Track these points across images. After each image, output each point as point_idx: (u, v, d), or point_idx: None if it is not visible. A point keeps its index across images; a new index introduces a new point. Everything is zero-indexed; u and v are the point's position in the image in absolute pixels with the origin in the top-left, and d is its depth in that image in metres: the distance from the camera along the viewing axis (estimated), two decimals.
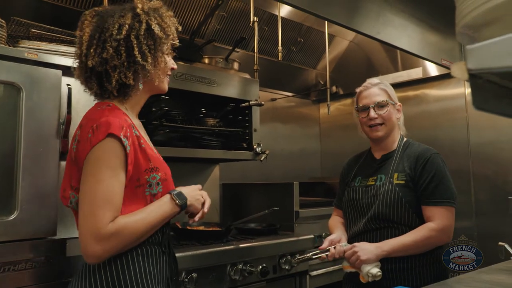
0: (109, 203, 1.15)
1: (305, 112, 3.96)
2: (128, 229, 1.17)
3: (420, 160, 1.73)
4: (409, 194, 1.69)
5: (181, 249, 1.97)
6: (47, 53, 1.73)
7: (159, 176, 1.28)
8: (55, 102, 1.67)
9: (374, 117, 1.80)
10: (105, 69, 1.25)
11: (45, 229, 1.62)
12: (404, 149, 1.81)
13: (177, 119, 2.38)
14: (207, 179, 2.96)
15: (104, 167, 1.16)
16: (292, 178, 3.44)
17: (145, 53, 1.27)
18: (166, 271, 1.32)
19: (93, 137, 1.17)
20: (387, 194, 1.71)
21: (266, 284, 2.22)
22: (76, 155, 1.23)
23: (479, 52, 0.69)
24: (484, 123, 2.99)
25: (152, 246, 1.27)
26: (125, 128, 1.20)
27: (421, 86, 3.33)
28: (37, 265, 1.59)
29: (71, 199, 1.26)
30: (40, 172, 1.62)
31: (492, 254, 2.82)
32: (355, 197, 1.83)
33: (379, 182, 1.77)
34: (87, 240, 1.13)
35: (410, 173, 1.72)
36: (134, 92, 1.32)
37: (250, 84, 2.64)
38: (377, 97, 1.82)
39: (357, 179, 1.88)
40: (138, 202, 1.24)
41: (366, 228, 1.74)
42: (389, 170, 1.77)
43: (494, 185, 2.92)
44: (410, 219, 1.69)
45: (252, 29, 2.91)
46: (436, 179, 1.68)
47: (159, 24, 1.31)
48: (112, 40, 1.24)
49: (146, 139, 1.35)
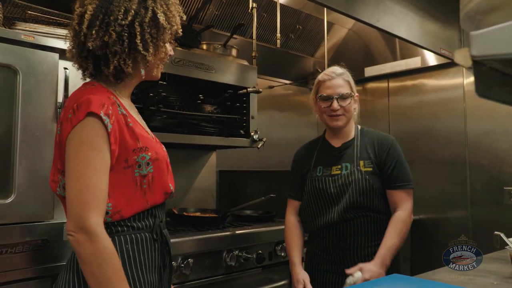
0: (94, 187, 1.11)
1: (302, 100, 3.95)
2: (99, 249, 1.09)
3: (384, 146, 1.80)
4: (377, 180, 1.76)
5: (177, 234, 1.98)
6: (44, 35, 1.71)
7: (148, 155, 1.23)
8: (52, 85, 1.66)
9: (336, 108, 1.79)
10: (105, 53, 1.21)
11: (42, 213, 1.62)
12: (362, 136, 1.86)
13: (174, 105, 2.36)
14: (204, 166, 2.96)
15: (86, 149, 1.13)
16: (288, 166, 3.41)
17: (147, 42, 1.23)
18: (158, 259, 1.28)
19: (74, 117, 1.14)
20: (358, 182, 1.74)
21: (262, 270, 2.24)
22: (59, 137, 1.20)
23: (484, 38, 0.68)
24: (481, 114, 3.00)
25: (142, 233, 1.23)
26: (106, 105, 1.16)
27: (419, 75, 3.32)
28: (34, 248, 1.59)
29: (59, 182, 1.23)
30: (37, 156, 1.61)
31: (487, 243, 2.86)
32: (321, 187, 1.81)
33: (345, 171, 1.79)
34: (70, 224, 1.11)
35: (375, 160, 1.78)
36: (129, 78, 1.29)
37: (248, 71, 2.62)
38: (340, 88, 1.81)
39: (318, 168, 1.87)
40: (127, 184, 1.20)
41: (341, 219, 1.74)
42: (353, 158, 1.80)
43: (489, 175, 2.94)
44: (380, 205, 1.76)
45: (250, 15, 2.88)
46: (399, 165, 1.77)
47: (165, 12, 1.26)
48: (116, 24, 1.19)
49: (137, 119, 1.31)
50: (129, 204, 1.21)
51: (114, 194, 1.18)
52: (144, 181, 1.23)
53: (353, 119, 1.90)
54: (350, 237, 1.75)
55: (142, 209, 1.24)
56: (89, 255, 1.09)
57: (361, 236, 1.75)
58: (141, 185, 1.23)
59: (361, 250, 1.75)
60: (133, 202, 1.22)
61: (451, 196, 3.09)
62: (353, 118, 1.90)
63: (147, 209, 1.25)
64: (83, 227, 1.09)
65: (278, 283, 2.30)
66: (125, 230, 1.21)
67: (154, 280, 1.25)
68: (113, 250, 1.13)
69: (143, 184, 1.23)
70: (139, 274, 1.20)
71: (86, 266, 1.10)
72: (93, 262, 1.09)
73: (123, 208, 1.20)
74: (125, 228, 1.21)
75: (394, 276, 1.32)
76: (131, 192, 1.21)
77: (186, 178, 2.85)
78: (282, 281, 2.32)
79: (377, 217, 1.76)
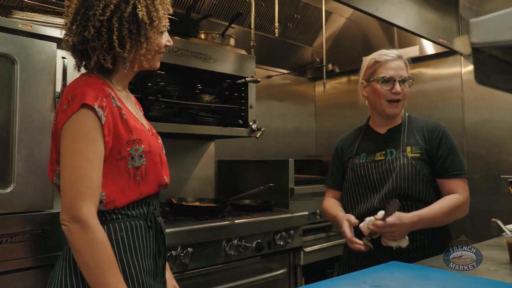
0: (87, 177, 1.13)
1: (300, 89, 3.95)
2: (92, 239, 1.11)
3: (435, 133, 1.70)
4: (425, 167, 1.66)
5: (176, 224, 1.98)
6: (42, 24, 1.70)
7: (142, 148, 1.24)
8: (50, 74, 1.65)
9: (399, 91, 1.70)
10: (85, 48, 1.21)
11: (41, 202, 1.62)
12: (410, 123, 1.77)
13: (173, 94, 2.36)
14: (203, 156, 2.96)
15: (80, 140, 1.14)
16: (286, 156, 3.45)
17: (124, 38, 1.20)
18: (153, 246, 1.29)
19: (68, 108, 1.15)
20: (404, 167, 1.65)
21: (261, 259, 2.25)
22: (54, 127, 1.22)
23: (484, 25, 0.68)
24: (479, 103, 3.00)
25: (136, 220, 1.25)
26: (100, 98, 1.17)
27: (417, 64, 3.31)
28: (34, 237, 1.59)
29: (55, 171, 1.26)
30: (36, 145, 1.61)
31: (484, 231, 2.87)
32: (363, 174, 1.73)
33: (390, 156, 1.70)
34: (63, 214, 1.13)
35: (425, 146, 1.69)
36: (117, 72, 1.29)
37: (247, 60, 2.61)
38: (402, 71, 1.73)
39: (362, 155, 1.79)
40: (120, 175, 1.21)
41: (383, 206, 1.61)
42: (400, 144, 1.71)
43: (487, 164, 2.96)
44: (427, 193, 1.65)
45: (248, 4, 2.87)
46: (454, 152, 1.69)
47: (147, 6, 1.23)
48: (95, 19, 1.18)
49: (132, 110, 1.31)
50: (123, 194, 1.23)
51: (107, 184, 1.19)
52: (137, 173, 1.24)
53: None
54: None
55: (136, 199, 1.26)
56: (82, 244, 1.11)
57: None
58: (135, 176, 1.24)
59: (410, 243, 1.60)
60: (127, 192, 1.23)
61: None
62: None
63: (141, 199, 1.27)
64: (76, 216, 1.11)
65: (277, 272, 2.31)
66: (119, 218, 1.22)
67: (149, 266, 1.27)
68: (105, 239, 1.14)
69: (136, 176, 1.24)
70: (134, 261, 1.22)
71: (79, 255, 1.12)
72: (86, 251, 1.11)
73: (117, 198, 1.21)
74: (119, 216, 1.22)
75: (393, 264, 1.33)
76: (124, 183, 1.23)
77: (184, 168, 2.86)
78: (281, 270, 2.34)
79: (421, 207, 1.62)
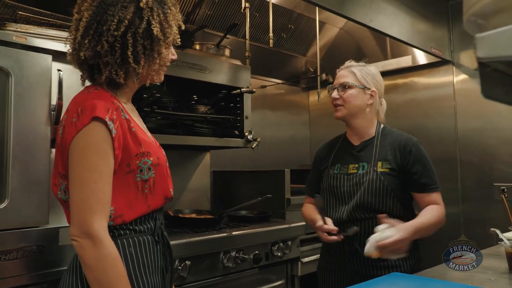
0: (99, 191, 1.11)
1: (294, 99, 3.96)
2: (104, 255, 1.08)
3: (408, 148, 1.72)
4: (394, 182, 1.70)
5: (174, 236, 1.96)
6: (36, 37, 1.68)
7: (150, 161, 1.23)
8: (46, 87, 1.63)
9: (334, 97, 1.81)
10: (97, 63, 1.20)
11: (36, 218, 1.59)
12: (383, 136, 1.80)
13: (168, 106, 2.35)
14: (198, 167, 2.95)
15: (91, 154, 1.12)
16: (281, 165, 3.44)
17: (138, 54, 1.20)
18: (160, 261, 1.28)
19: (78, 121, 1.13)
20: (372, 182, 1.70)
21: (259, 271, 2.23)
22: (61, 140, 1.19)
23: (489, 41, 0.68)
24: (471, 111, 3.03)
25: (144, 236, 1.24)
26: (111, 110, 1.15)
27: (410, 74, 3.35)
28: (28, 254, 1.56)
29: (60, 186, 1.23)
30: (30, 160, 1.58)
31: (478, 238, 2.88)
32: (336, 184, 1.79)
33: (362, 170, 1.75)
34: (74, 229, 1.10)
35: (396, 161, 1.72)
36: (126, 86, 1.28)
37: (242, 71, 2.61)
38: (343, 78, 1.82)
39: (336, 166, 1.84)
40: (129, 189, 1.20)
41: (350, 218, 1.71)
42: (371, 158, 1.75)
43: (480, 172, 2.98)
44: (394, 207, 1.70)
45: (242, 15, 2.88)
46: (427, 166, 1.72)
47: (161, 23, 1.23)
48: (109, 35, 1.17)
49: (138, 123, 1.31)
50: (131, 208, 1.21)
51: (116, 198, 1.17)
52: (145, 186, 1.23)
53: (375, 116, 1.84)
54: (359, 238, 1.67)
55: (144, 213, 1.25)
56: (93, 260, 1.08)
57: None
58: (143, 189, 1.23)
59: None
60: (135, 206, 1.22)
61: (443, 192, 3.07)
62: (376, 115, 1.84)
63: (148, 213, 1.25)
64: (87, 232, 1.08)
65: (275, 283, 2.30)
66: (127, 233, 1.21)
67: (157, 282, 1.25)
68: (117, 255, 1.12)
69: (145, 189, 1.23)
70: (143, 277, 1.20)
71: (90, 271, 1.09)
72: (98, 267, 1.08)
73: (125, 212, 1.20)
74: (127, 232, 1.21)
75: (394, 275, 1.32)
76: (132, 196, 1.21)
77: (180, 179, 2.83)
78: (279, 281, 2.33)
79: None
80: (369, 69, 1.85)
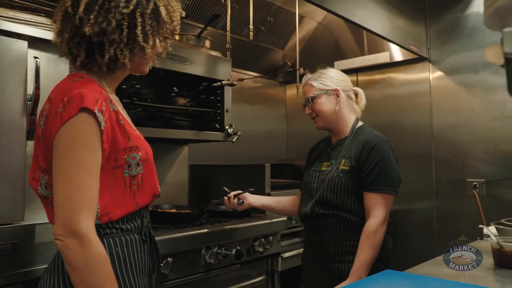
0: (85, 188, 1.04)
1: (272, 93, 3.93)
2: (92, 255, 1.02)
3: (366, 147, 1.75)
4: (352, 180, 1.74)
5: (155, 233, 1.87)
6: (10, 21, 1.56)
7: (139, 156, 1.18)
8: (21, 75, 1.52)
9: (307, 112, 1.94)
10: (101, 40, 1.12)
11: (11, 214, 1.49)
12: (356, 135, 1.84)
13: (147, 97, 2.26)
14: (176, 160, 2.87)
15: (78, 147, 1.05)
16: (258, 160, 3.42)
17: (147, 34, 1.17)
18: (147, 261, 1.23)
19: (64, 112, 1.05)
20: (332, 179, 1.77)
21: (240, 266, 2.20)
22: (43, 132, 1.11)
23: None
24: (446, 107, 3.09)
25: (131, 234, 1.18)
26: (100, 101, 1.08)
27: (387, 70, 3.38)
28: (2, 253, 1.46)
29: (41, 181, 1.15)
30: (4, 152, 1.48)
31: (450, 232, 2.96)
32: (308, 180, 1.90)
33: (329, 167, 1.83)
34: (58, 228, 1.02)
35: (355, 159, 1.75)
36: (121, 71, 1.21)
37: (222, 63, 2.55)
38: (306, 94, 1.93)
39: (315, 164, 1.94)
40: (116, 185, 1.14)
41: (312, 213, 1.80)
42: (339, 156, 1.82)
43: (453, 168, 3.05)
44: (352, 204, 1.74)
45: (222, 6, 2.81)
46: (380, 166, 1.71)
47: (166, 6, 1.21)
48: (117, 12, 1.12)
49: (125, 115, 1.25)
50: (118, 206, 1.14)
51: (102, 195, 1.10)
52: (133, 182, 1.17)
53: (352, 113, 1.89)
54: (320, 233, 1.79)
55: (131, 211, 1.18)
56: (80, 261, 1.01)
57: (331, 233, 1.77)
58: (131, 186, 1.17)
59: (332, 247, 1.77)
60: (122, 203, 1.15)
61: (417, 188, 3.17)
62: (352, 112, 1.90)
63: (135, 210, 1.19)
64: (74, 231, 1.01)
65: (255, 279, 2.27)
66: (113, 232, 1.15)
67: (144, 283, 1.20)
68: (105, 256, 1.06)
69: (133, 186, 1.17)
70: (130, 278, 1.15)
71: (76, 272, 1.02)
72: (85, 268, 1.01)
73: (112, 210, 1.13)
74: (113, 230, 1.15)
75: (387, 272, 1.32)
76: (120, 193, 1.15)
77: (158, 173, 2.74)
78: (259, 277, 2.30)
79: (350, 218, 1.75)
80: (324, 73, 1.91)
